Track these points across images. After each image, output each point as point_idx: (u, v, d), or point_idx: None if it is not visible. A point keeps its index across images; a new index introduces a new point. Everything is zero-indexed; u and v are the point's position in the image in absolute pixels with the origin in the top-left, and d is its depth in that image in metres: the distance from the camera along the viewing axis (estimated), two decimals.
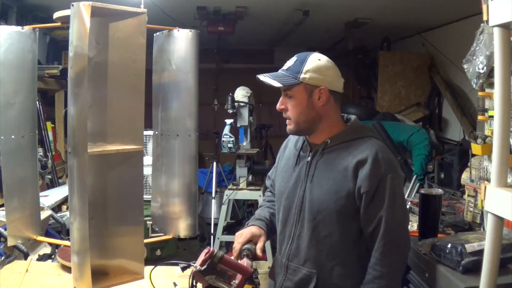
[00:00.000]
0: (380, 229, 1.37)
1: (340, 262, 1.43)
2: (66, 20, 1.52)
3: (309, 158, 1.49)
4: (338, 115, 1.50)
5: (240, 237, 1.50)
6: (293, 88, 1.43)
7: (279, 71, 1.47)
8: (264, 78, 1.45)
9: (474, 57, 1.83)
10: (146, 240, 1.78)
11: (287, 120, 1.48)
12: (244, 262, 1.41)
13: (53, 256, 2.28)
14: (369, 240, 1.41)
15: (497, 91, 1.23)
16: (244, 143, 3.75)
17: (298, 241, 1.47)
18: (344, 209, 1.40)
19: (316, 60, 1.43)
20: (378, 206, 1.38)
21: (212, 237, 3.74)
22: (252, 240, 1.50)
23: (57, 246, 2.37)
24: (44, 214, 2.56)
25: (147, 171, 2.48)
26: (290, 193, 1.51)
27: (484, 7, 1.39)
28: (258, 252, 1.47)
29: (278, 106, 1.48)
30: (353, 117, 1.53)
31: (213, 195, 4.06)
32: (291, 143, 1.62)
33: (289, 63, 1.46)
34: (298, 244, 1.47)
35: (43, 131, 3.73)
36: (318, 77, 1.42)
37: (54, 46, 4.26)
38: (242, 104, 3.66)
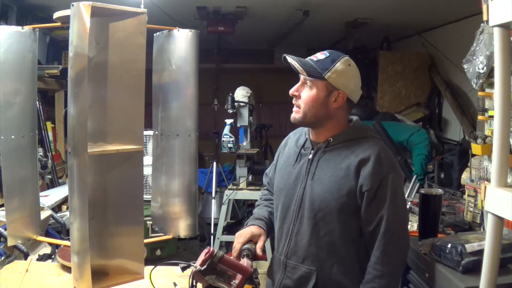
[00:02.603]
0: (381, 228, 1.38)
1: (340, 260, 1.43)
2: (66, 20, 1.52)
3: (311, 155, 1.49)
4: (346, 118, 1.52)
5: (240, 237, 1.50)
6: (316, 81, 1.43)
7: (307, 59, 1.46)
8: (292, 61, 1.44)
9: (474, 57, 1.84)
10: (146, 240, 1.78)
11: (295, 108, 1.48)
12: (244, 262, 1.41)
13: (53, 256, 2.28)
14: (369, 239, 1.41)
15: (497, 91, 1.23)
16: (244, 143, 3.75)
17: (297, 238, 1.47)
18: (345, 207, 1.41)
19: (347, 64, 1.44)
20: (380, 205, 1.38)
21: (212, 237, 3.74)
22: (252, 239, 1.50)
23: (57, 246, 2.37)
24: (44, 214, 2.56)
25: (147, 171, 2.48)
26: (289, 190, 1.51)
27: (484, 7, 1.38)
28: (258, 251, 1.47)
29: (292, 91, 1.48)
30: (355, 117, 1.55)
31: (213, 195, 4.06)
32: (292, 141, 1.62)
33: (320, 56, 1.45)
34: (296, 242, 1.47)
35: (43, 131, 3.73)
36: (343, 81, 1.43)
37: (54, 46, 4.26)
38: (242, 104, 3.66)
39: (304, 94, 1.45)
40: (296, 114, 1.48)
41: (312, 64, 1.43)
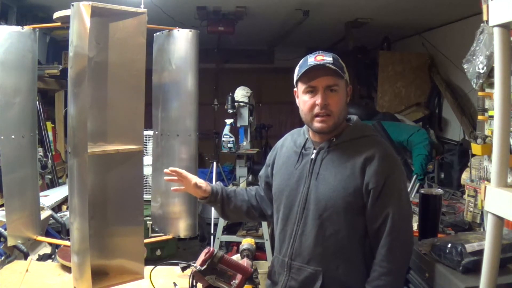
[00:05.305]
0: (387, 225, 1.38)
1: (346, 259, 1.43)
2: (66, 20, 1.53)
3: (313, 155, 1.48)
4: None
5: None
6: (340, 82, 1.43)
7: (322, 63, 1.40)
8: (331, 66, 1.40)
9: (474, 57, 1.83)
10: (146, 240, 1.78)
11: (325, 117, 1.42)
12: (244, 262, 1.41)
13: (53, 256, 2.29)
14: (374, 236, 1.41)
15: (497, 91, 1.23)
16: (244, 143, 3.74)
17: (301, 239, 1.46)
18: (351, 206, 1.40)
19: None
20: (385, 202, 1.38)
21: (212, 237, 3.74)
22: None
23: (57, 246, 2.37)
24: (44, 214, 2.56)
25: (147, 171, 2.49)
26: (292, 191, 1.50)
27: (484, 7, 1.38)
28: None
29: (322, 101, 1.41)
30: (354, 117, 1.54)
31: None
32: (289, 142, 1.60)
33: (327, 58, 1.42)
34: (301, 243, 1.46)
35: (43, 131, 3.73)
36: (347, 75, 1.46)
37: (54, 46, 4.27)
38: (242, 104, 3.66)
39: (333, 99, 1.42)
40: (329, 122, 1.43)
41: (335, 68, 1.41)
